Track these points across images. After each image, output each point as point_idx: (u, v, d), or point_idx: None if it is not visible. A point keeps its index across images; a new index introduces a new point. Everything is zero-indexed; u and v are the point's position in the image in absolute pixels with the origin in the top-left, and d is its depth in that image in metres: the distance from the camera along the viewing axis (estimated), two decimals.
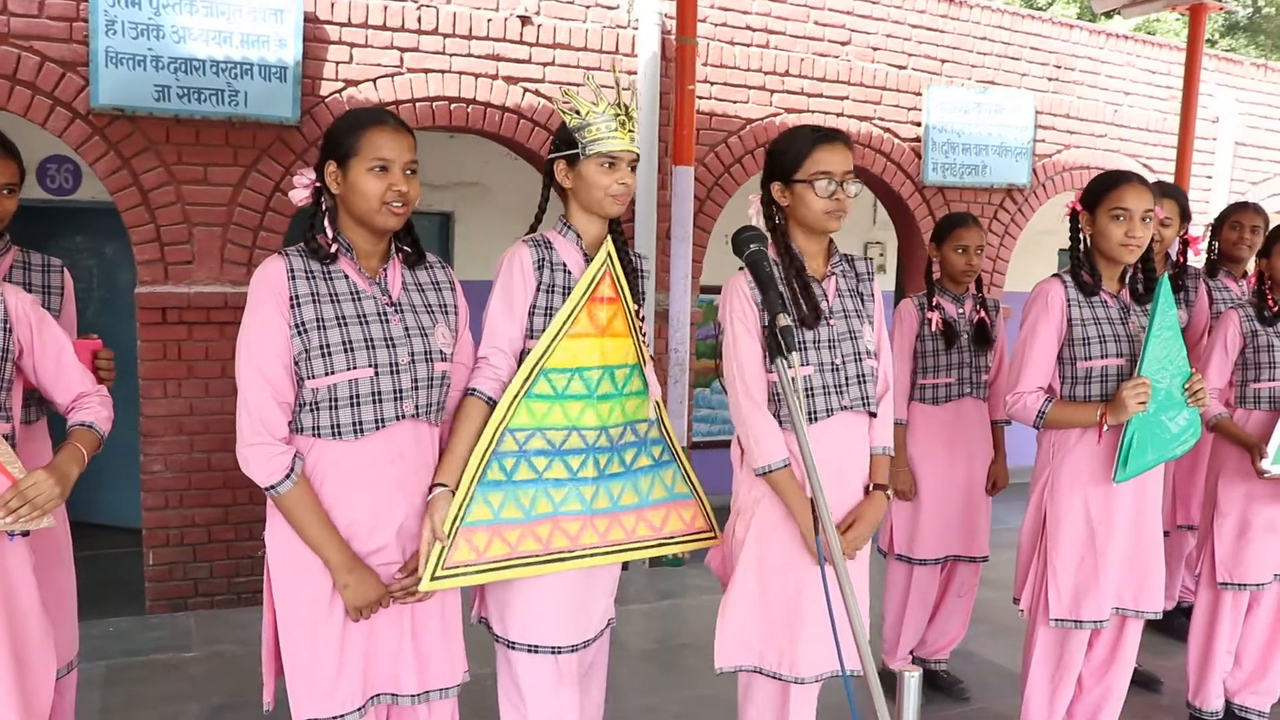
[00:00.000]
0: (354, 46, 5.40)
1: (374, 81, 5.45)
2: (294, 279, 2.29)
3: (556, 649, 2.59)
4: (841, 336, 2.73)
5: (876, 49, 7.01)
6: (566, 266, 2.62)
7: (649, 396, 2.72)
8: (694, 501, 2.84)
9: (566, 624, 2.62)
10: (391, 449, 2.36)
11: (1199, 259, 4.65)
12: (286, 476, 2.25)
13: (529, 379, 2.52)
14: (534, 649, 2.58)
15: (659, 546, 2.77)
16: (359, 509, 2.35)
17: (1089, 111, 7.94)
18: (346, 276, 2.36)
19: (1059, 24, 7.93)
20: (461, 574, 2.44)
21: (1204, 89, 7.66)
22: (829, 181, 2.63)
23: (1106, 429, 3.11)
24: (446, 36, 5.60)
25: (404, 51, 5.51)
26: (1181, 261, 4.26)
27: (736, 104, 6.50)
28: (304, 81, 5.25)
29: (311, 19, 5.25)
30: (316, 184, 2.36)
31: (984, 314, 4.09)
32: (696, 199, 6.11)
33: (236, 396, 4.43)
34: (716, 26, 6.38)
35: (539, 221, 2.76)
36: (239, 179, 5.24)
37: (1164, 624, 4.51)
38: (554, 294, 2.60)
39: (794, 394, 1.85)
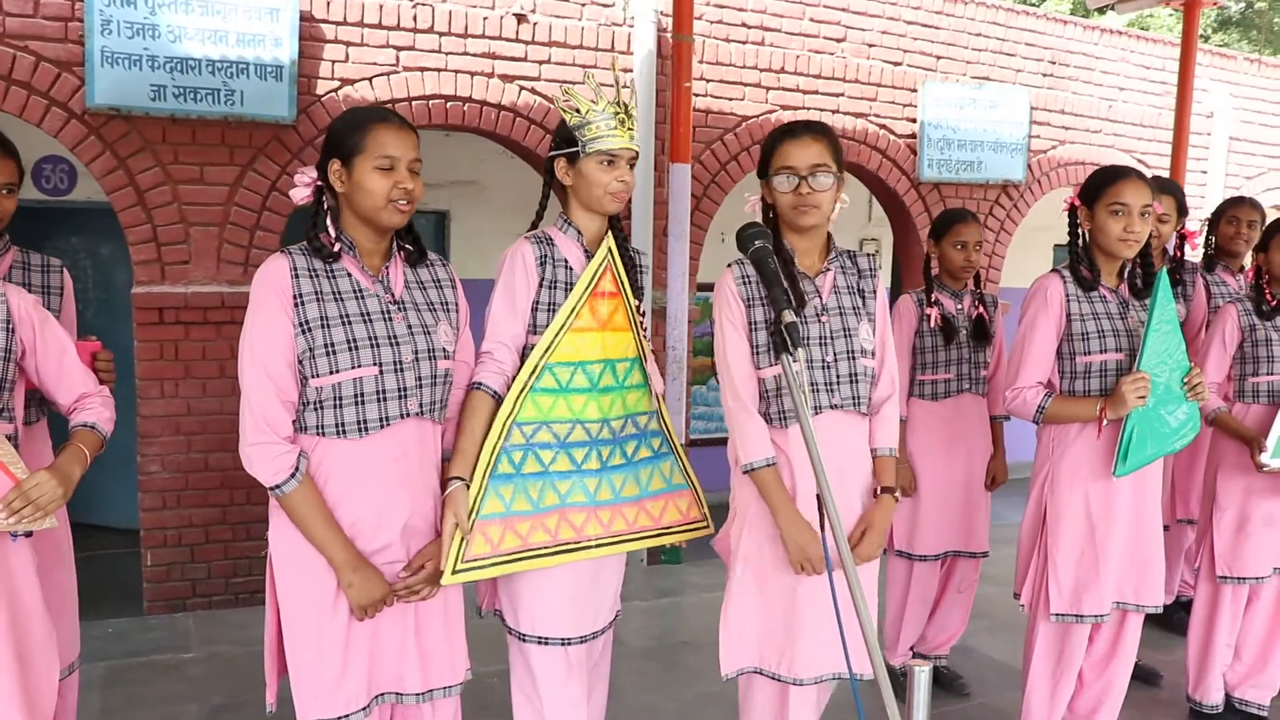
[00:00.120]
0: (350, 45, 5.39)
1: (370, 80, 5.44)
2: (297, 277, 2.29)
3: (566, 640, 2.63)
4: (835, 334, 2.70)
5: (872, 46, 7.01)
6: (568, 263, 2.66)
7: (649, 389, 2.76)
8: (689, 492, 2.88)
9: (575, 616, 2.65)
10: (396, 447, 2.36)
11: (1196, 254, 4.66)
12: (291, 476, 2.24)
13: (534, 373, 2.56)
14: (544, 641, 2.62)
15: (657, 537, 2.81)
16: (363, 507, 2.35)
17: (1084, 107, 7.95)
18: (349, 275, 2.36)
19: (1053, 20, 7.93)
20: (478, 567, 2.48)
21: (1198, 84, 7.67)
22: (789, 176, 2.63)
23: (1106, 424, 3.12)
24: (442, 35, 5.59)
25: (400, 50, 5.50)
26: (1179, 256, 4.27)
27: (732, 101, 6.50)
28: (300, 80, 5.24)
29: (307, 18, 5.23)
30: (318, 183, 2.36)
31: (982, 309, 4.10)
32: (693, 196, 6.11)
33: (234, 396, 4.45)
34: (712, 24, 6.38)
35: (540, 219, 2.80)
36: (235, 178, 5.23)
37: (1163, 618, 4.52)
38: (556, 289, 2.63)
39: (799, 391, 1.84)
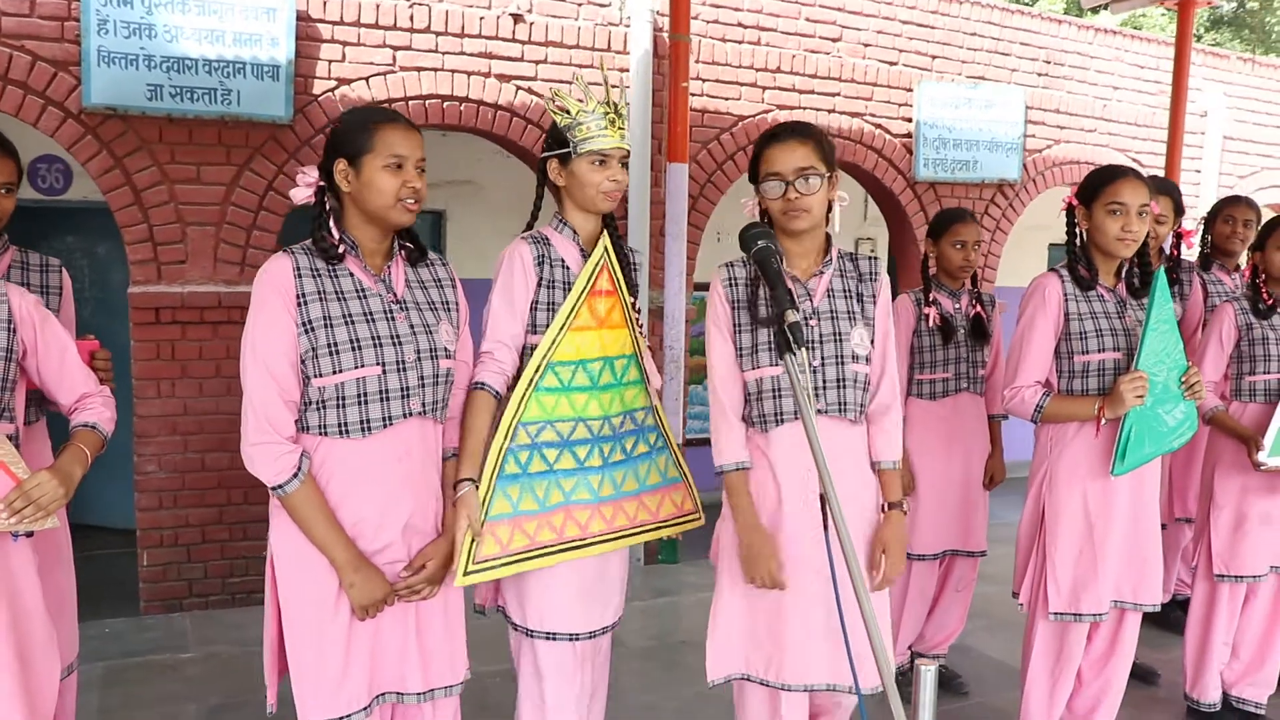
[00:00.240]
0: (346, 45, 5.38)
1: (367, 80, 5.43)
2: (300, 277, 2.29)
3: (574, 636, 2.66)
4: (824, 338, 2.63)
5: (867, 45, 7.02)
6: (565, 262, 2.68)
7: (645, 385, 2.79)
8: (683, 484, 2.92)
9: (583, 612, 2.68)
10: (398, 447, 2.36)
11: (1192, 253, 4.68)
12: (294, 476, 2.24)
13: (538, 373, 2.59)
14: (552, 636, 2.64)
15: (656, 530, 2.86)
16: (365, 507, 2.35)
17: (1078, 106, 7.96)
18: (352, 275, 2.36)
19: (1048, 19, 7.95)
20: (489, 568, 2.51)
21: (1192, 84, 7.67)
22: (776, 182, 2.58)
23: (1104, 423, 3.13)
24: (439, 35, 5.59)
25: (396, 50, 5.49)
26: (1176, 255, 4.28)
27: (728, 101, 6.50)
28: (297, 80, 5.23)
29: (304, 17, 5.23)
30: (319, 183, 2.36)
31: (980, 309, 4.10)
32: (689, 196, 6.11)
33: (230, 396, 4.42)
34: (708, 24, 6.38)
35: (534, 219, 2.82)
36: (232, 178, 5.22)
37: (1160, 617, 4.53)
38: (554, 289, 2.66)
39: (802, 391, 1.84)
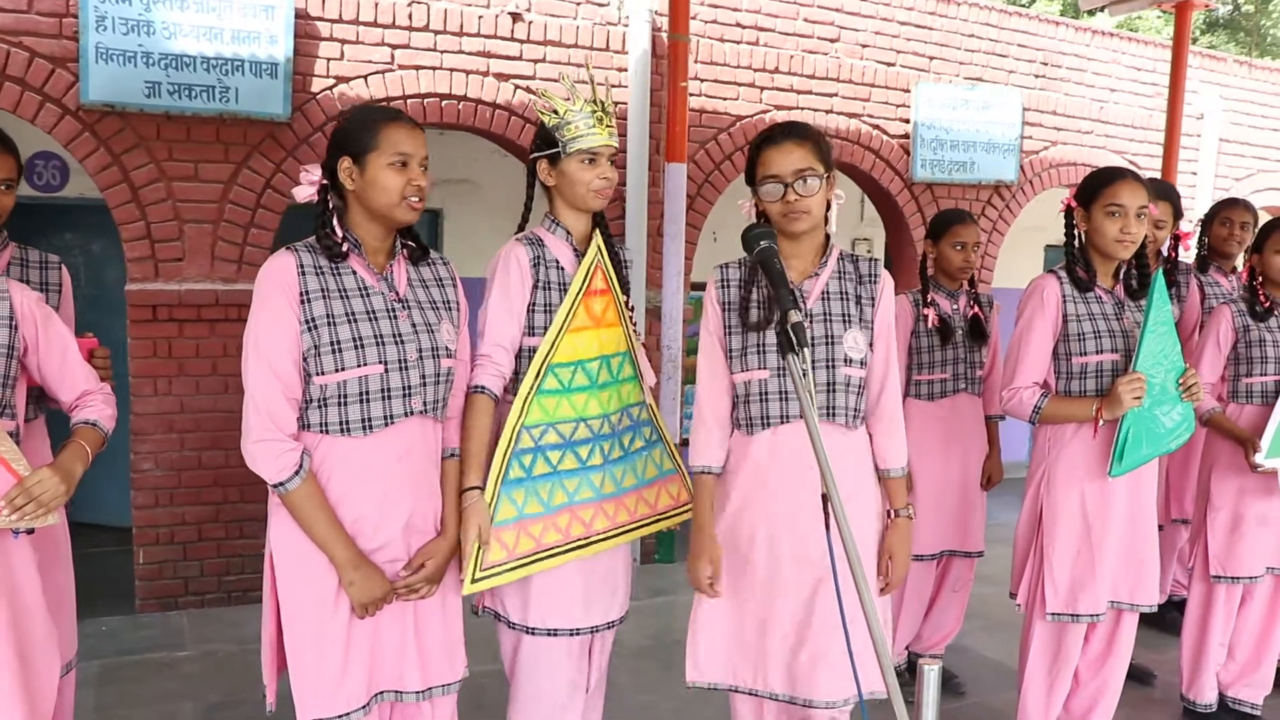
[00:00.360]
0: (345, 43, 5.37)
1: (365, 78, 5.43)
2: (304, 274, 2.29)
3: (576, 631, 2.68)
4: (816, 341, 2.57)
5: (865, 46, 7.02)
6: (559, 263, 2.69)
7: (639, 380, 2.81)
8: (678, 476, 2.95)
9: (586, 607, 2.70)
10: (399, 445, 2.37)
11: (1189, 255, 4.69)
12: (295, 473, 2.24)
13: (539, 376, 2.60)
14: (553, 633, 2.66)
15: (655, 522, 2.88)
16: (365, 505, 2.35)
17: (1075, 108, 7.97)
18: (355, 273, 2.36)
19: (1045, 21, 7.95)
20: (496, 574, 2.54)
21: (1188, 86, 7.69)
22: (775, 185, 2.52)
23: (1102, 424, 3.13)
24: (437, 33, 5.58)
25: (395, 48, 5.48)
26: (1174, 257, 4.29)
27: (726, 101, 6.49)
28: (295, 78, 5.22)
29: (302, 15, 5.22)
30: (323, 181, 2.36)
31: (978, 309, 4.11)
32: (687, 196, 6.10)
33: (227, 394, 4.39)
34: (706, 24, 6.38)
35: (525, 220, 2.81)
36: (230, 176, 5.21)
37: (1156, 618, 4.53)
38: (549, 291, 2.66)
39: (805, 392, 1.84)
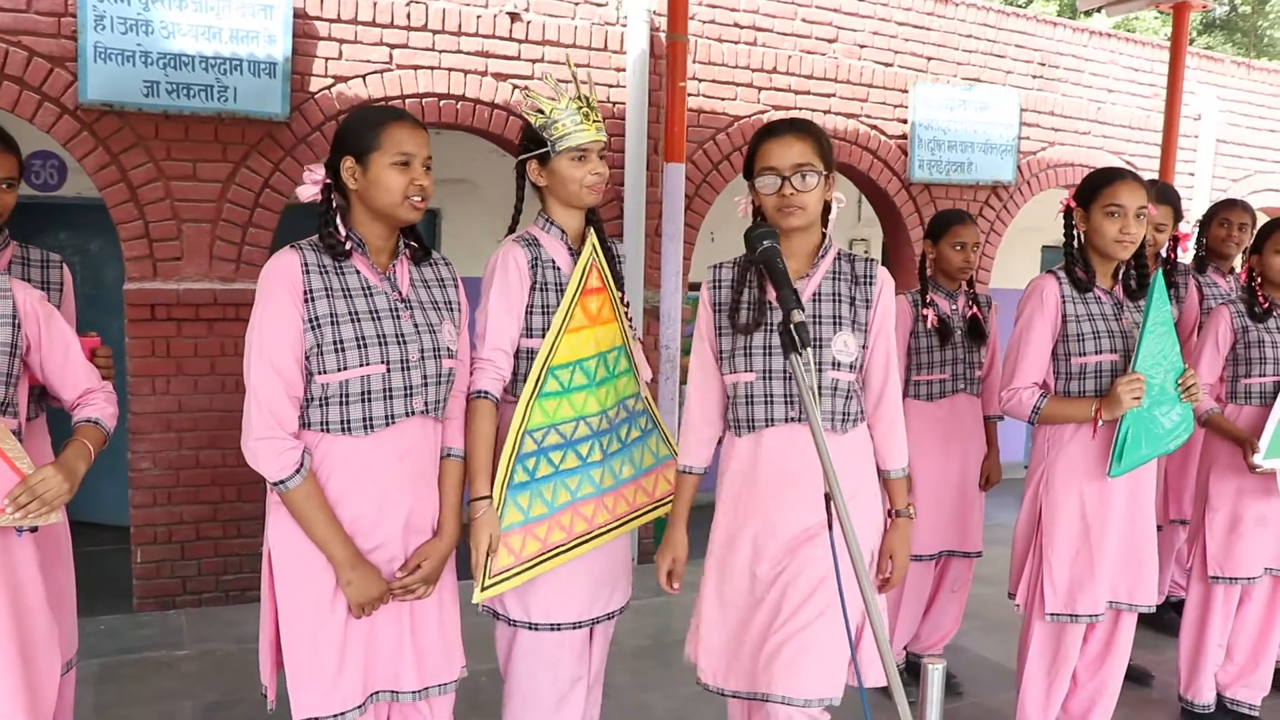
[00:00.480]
0: (343, 43, 5.37)
1: (363, 78, 5.42)
2: (308, 273, 2.29)
3: (577, 624, 2.69)
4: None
5: (863, 46, 7.03)
6: (555, 263, 2.69)
7: (634, 372, 2.82)
8: (673, 461, 2.94)
9: (590, 600, 2.72)
10: (400, 445, 2.37)
11: (1187, 256, 4.69)
12: (296, 472, 2.24)
13: (539, 379, 2.59)
14: (556, 627, 2.67)
15: (653, 510, 2.90)
16: (364, 505, 2.35)
17: (1073, 109, 7.98)
18: (358, 272, 2.36)
19: (1043, 22, 7.96)
20: (504, 579, 2.55)
21: (1186, 87, 7.69)
22: (772, 177, 2.49)
23: (1101, 424, 3.14)
24: (436, 33, 5.58)
25: (393, 48, 5.48)
26: (1172, 258, 4.29)
27: (724, 101, 6.50)
28: (293, 78, 5.21)
29: (301, 15, 5.21)
30: (327, 181, 2.36)
31: (977, 310, 4.11)
32: (685, 196, 6.10)
33: (224, 394, 4.38)
34: (704, 24, 6.38)
35: (516, 223, 2.81)
36: (228, 175, 5.21)
37: (1154, 618, 4.55)
38: (547, 292, 2.66)
39: (808, 392, 1.84)
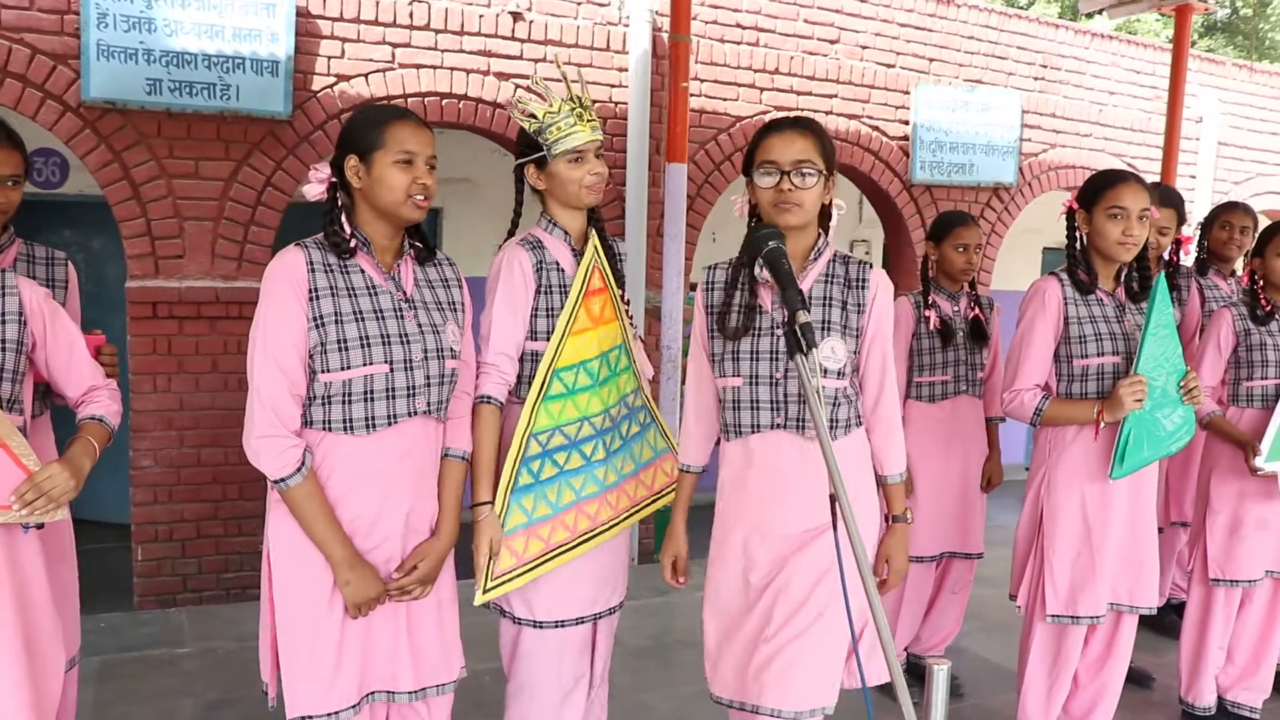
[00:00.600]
0: (346, 41, 5.37)
1: (366, 77, 5.42)
2: (313, 271, 2.29)
3: (580, 620, 2.70)
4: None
5: (865, 48, 7.03)
6: (559, 265, 2.69)
7: (633, 368, 2.83)
8: (672, 453, 2.96)
9: (593, 596, 2.73)
10: (402, 445, 2.37)
11: (1189, 258, 4.70)
12: (297, 470, 2.24)
13: (544, 383, 2.60)
14: (560, 624, 2.67)
15: (653, 503, 2.91)
16: (365, 504, 2.35)
17: (1074, 111, 7.99)
18: (363, 271, 2.36)
19: (1045, 24, 7.96)
20: (506, 580, 2.57)
21: (1187, 89, 7.70)
22: (770, 172, 2.45)
23: (1103, 426, 3.14)
24: (438, 32, 5.58)
25: (396, 47, 5.48)
26: (1175, 261, 4.30)
27: (726, 102, 6.50)
28: (296, 76, 5.22)
29: (303, 13, 5.22)
30: (332, 179, 2.36)
31: (979, 311, 4.11)
32: (687, 196, 6.10)
33: (226, 391, 4.36)
34: (707, 24, 6.38)
35: (515, 227, 2.81)
36: (230, 173, 5.21)
37: (1155, 621, 4.54)
38: (551, 294, 2.66)
39: (814, 393, 1.84)
